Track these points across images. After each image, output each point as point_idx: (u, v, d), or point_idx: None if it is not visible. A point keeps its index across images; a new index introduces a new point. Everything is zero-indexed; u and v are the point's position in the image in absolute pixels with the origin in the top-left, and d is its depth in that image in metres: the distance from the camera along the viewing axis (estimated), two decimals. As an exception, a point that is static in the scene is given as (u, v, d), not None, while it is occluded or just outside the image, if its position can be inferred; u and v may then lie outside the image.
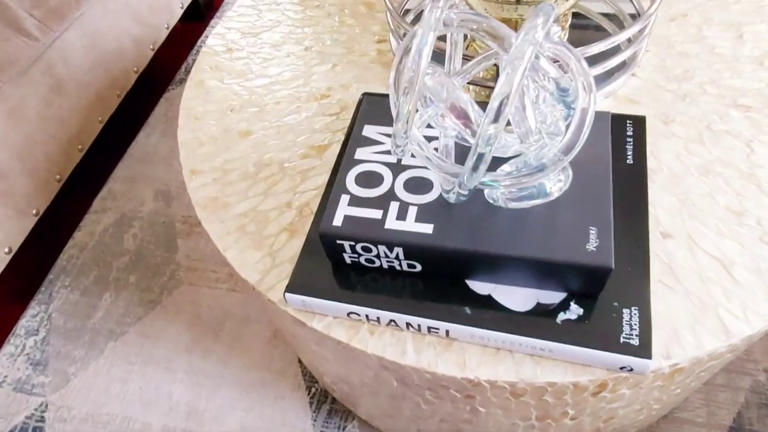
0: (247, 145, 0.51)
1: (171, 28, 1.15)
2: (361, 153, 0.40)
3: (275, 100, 0.54)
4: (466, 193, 0.31)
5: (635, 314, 0.34)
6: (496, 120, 0.26)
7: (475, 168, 0.28)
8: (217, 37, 0.62)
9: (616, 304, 0.35)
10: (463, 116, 0.31)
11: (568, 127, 0.30)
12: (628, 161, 0.41)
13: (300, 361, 0.78)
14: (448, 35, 0.38)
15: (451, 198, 0.33)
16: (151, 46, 1.11)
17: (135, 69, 1.08)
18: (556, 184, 0.32)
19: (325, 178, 0.47)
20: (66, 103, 0.92)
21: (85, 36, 0.95)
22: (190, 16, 1.33)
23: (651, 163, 0.44)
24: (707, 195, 0.42)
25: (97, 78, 0.98)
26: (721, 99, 0.48)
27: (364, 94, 0.49)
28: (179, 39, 1.31)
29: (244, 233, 0.45)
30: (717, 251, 0.39)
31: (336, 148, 0.50)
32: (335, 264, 0.39)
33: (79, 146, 0.97)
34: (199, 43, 1.29)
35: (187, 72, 1.24)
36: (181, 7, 1.18)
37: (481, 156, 0.28)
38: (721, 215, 0.40)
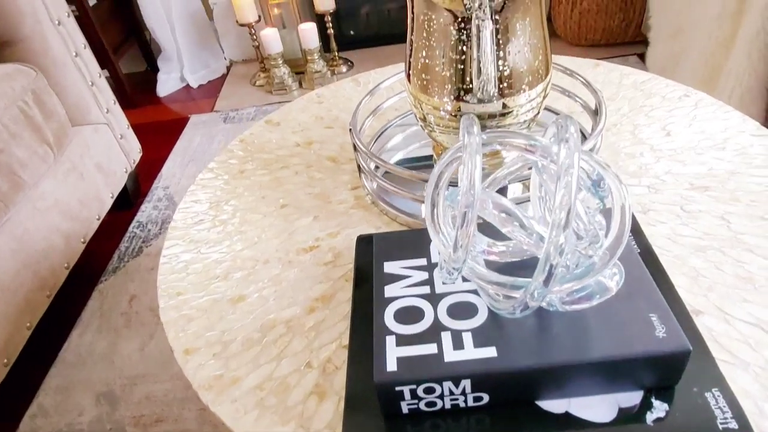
0: (243, 311, 0.47)
1: (101, 218, 1.12)
2: (390, 290, 0.38)
3: (263, 259, 0.52)
4: (534, 306, 0.30)
5: (719, 396, 0.33)
6: (565, 228, 0.26)
7: (546, 280, 0.28)
8: (183, 212, 0.60)
9: (695, 389, 0.33)
10: (510, 224, 0.31)
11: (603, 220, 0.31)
12: (637, 251, 0.43)
13: None
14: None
15: (517, 314, 0.32)
16: (82, 239, 1.05)
17: (65, 265, 1.00)
18: (612, 278, 0.32)
19: (341, 327, 0.44)
20: (-8, 315, 0.82)
21: (13, 240, 0.88)
22: (118, 205, 1.30)
23: (649, 250, 0.46)
24: (713, 268, 0.44)
25: (26, 281, 0.90)
26: (680, 185, 0.53)
27: (359, 237, 0.48)
28: (109, 228, 1.26)
29: (265, 408, 0.39)
30: (751, 317, 0.40)
31: (342, 295, 0.47)
32: (389, 417, 0.35)
33: (5, 360, 0.85)
34: (130, 229, 1.25)
35: (120, 260, 1.18)
36: (112, 197, 1.16)
37: (552, 267, 0.27)
38: (734, 283, 0.42)
